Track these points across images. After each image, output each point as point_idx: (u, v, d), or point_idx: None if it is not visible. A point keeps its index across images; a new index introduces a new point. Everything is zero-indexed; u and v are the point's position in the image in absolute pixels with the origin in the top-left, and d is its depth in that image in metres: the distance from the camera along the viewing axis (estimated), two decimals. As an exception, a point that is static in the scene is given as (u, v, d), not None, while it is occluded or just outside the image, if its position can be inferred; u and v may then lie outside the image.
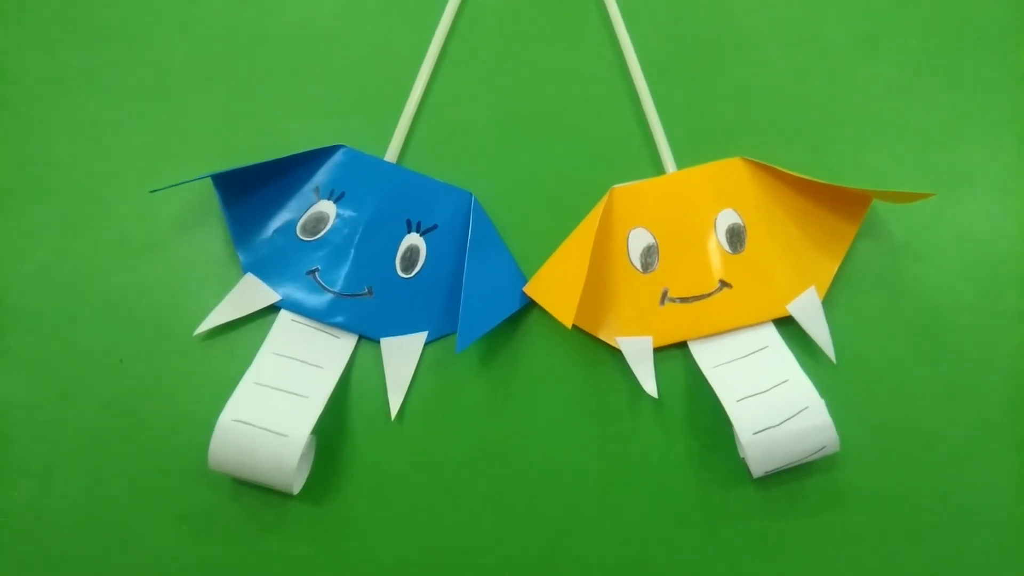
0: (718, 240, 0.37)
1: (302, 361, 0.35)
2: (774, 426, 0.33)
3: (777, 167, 0.37)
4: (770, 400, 0.33)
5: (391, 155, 0.40)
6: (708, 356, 0.36)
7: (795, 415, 0.33)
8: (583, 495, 0.35)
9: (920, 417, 0.36)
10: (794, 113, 0.41)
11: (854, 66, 0.42)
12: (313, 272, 0.37)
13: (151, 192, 0.36)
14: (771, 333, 0.36)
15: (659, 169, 0.40)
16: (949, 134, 0.41)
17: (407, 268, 0.38)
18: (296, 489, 0.34)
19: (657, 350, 0.36)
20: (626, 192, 0.38)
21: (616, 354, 0.37)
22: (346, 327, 0.37)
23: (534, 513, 0.35)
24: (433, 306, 0.38)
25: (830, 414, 0.33)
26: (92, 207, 0.40)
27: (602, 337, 0.37)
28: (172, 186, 0.36)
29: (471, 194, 0.39)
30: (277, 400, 0.34)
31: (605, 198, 0.37)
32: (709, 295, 0.37)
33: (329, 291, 0.37)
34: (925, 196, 0.35)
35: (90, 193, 0.40)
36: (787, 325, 0.36)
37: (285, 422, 0.33)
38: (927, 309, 0.38)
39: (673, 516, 0.35)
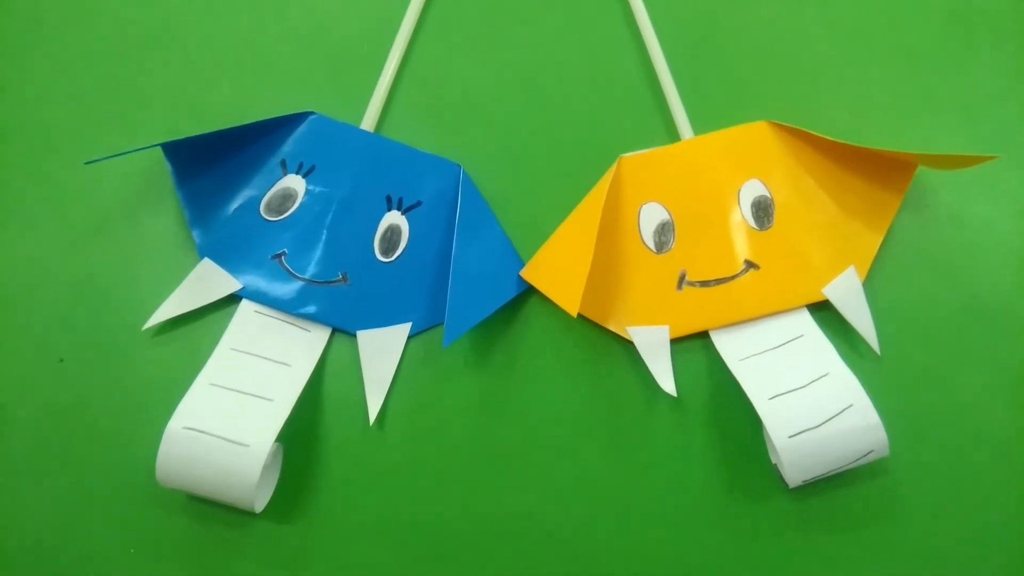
0: (742, 215, 0.36)
1: (266, 358, 0.34)
2: (813, 428, 0.31)
3: (808, 131, 0.36)
4: (808, 397, 0.31)
5: (368, 123, 0.38)
6: (734, 347, 0.34)
7: (838, 415, 0.31)
8: (593, 510, 0.33)
9: (977, 415, 0.34)
10: (826, 71, 0.40)
11: (893, 19, 0.41)
12: (279, 256, 0.36)
13: (85, 164, 0.34)
14: (805, 320, 0.34)
15: (673, 135, 0.38)
16: (999, 94, 0.39)
17: (387, 251, 0.36)
18: (259, 507, 0.32)
19: (675, 341, 0.35)
20: (636, 162, 0.37)
21: (628, 347, 0.35)
22: (317, 318, 0.35)
23: (537, 531, 0.33)
24: (417, 294, 0.36)
25: (875, 413, 0.31)
26: (27, 183, 0.38)
27: (611, 328, 0.35)
28: (112, 157, 0.34)
29: (459, 166, 0.38)
30: (236, 404, 0.32)
31: (612, 169, 0.36)
32: (733, 278, 0.35)
33: (298, 277, 0.35)
34: (982, 160, 0.33)
35: (25, 167, 0.38)
36: (823, 311, 0.35)
37: (245, 429, 0.31)
38: (982, 291, 0.36)
39: (696, 532, 0.33)
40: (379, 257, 0.36)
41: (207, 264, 0.35)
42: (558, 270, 0.34)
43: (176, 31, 0.40)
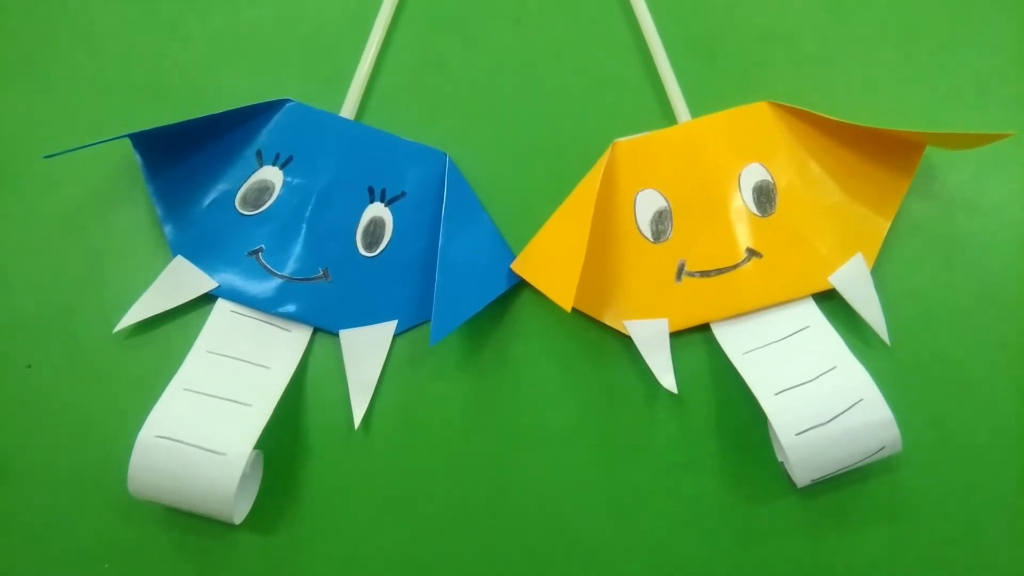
0: (743, 201, 0.35)
1: (244, 361, 0.33)
2: (822, 424, 0.30)
3: (811, 111, 0.36)
4: (815, 392, 0.31)
5: (348, 110, 0.38)
6: (736, 341, 0.34)
7: (847, 410, 0.30)
8: (591, 513, 0.33)
9: (993, 407, 0.34)
10: (828, 49, 0.39)
11: (897, -8, 0.41)
12: (256, 252, 0.35)
13: (45, 158, 0.33)
14: (811, 311, 0.34)
15: (670, 118, 0.38)
16: (1010, 69, 0.39)
17: (370, 245, 0.36)
18: (239, 518, 0.31)
19: (674, 335, 0.35)
20: (631, 147, 0.37)
21: (626, 342, 0.35)
22: (298, 318, 0.35)
23: (532, 538, 0.33)
24: (402, 290, 0.36)
25: (886, 407, 0.31)
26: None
27: (608, 322, 0.35)
28: (76, 149, 0.33)
29: (445, 154, 0.37)
30: (212, 410, 0.31)
31: (606, 155, 0.36)
32: (735, 267, 0.35)
33: (276, 275, 0.35)
34: (994, 138, 0.33)
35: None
36: (830, 300, 0.35)
37: (222, 437, 0.30)
38: (995, 276, 0.35)
39: (701, 535, 0.33)
40: (362, 252, 0.35)
41: (180, 262, 0.35)
42: (551, 263, 0.34)
43: (144, 16, 0.40)
